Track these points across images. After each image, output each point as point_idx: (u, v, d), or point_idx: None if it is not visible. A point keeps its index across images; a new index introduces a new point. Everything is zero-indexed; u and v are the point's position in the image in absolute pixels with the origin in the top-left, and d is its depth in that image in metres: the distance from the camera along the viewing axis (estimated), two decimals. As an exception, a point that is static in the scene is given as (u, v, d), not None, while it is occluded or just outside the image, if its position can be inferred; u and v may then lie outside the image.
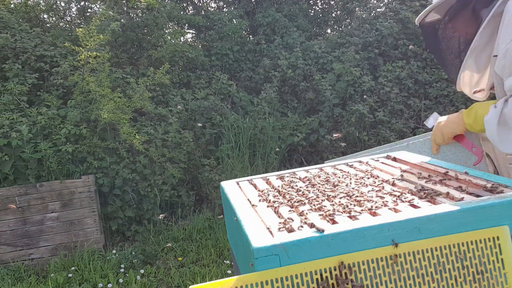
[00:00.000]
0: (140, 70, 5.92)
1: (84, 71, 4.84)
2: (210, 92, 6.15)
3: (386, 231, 0.93)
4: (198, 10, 8.14)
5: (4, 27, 5.46)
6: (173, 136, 5.19)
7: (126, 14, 6.37)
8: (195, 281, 3.79)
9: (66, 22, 7.19)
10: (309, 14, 8.46)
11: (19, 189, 4.33)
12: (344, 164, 1.64)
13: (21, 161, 4.43)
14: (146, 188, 4.83)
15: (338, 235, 0.92)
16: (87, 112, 4.80)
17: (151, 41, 6.40)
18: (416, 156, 1.58)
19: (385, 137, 6.08)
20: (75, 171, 4.59)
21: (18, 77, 4.95)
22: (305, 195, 1.27)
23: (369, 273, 0.91)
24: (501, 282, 0.94)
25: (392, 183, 1.28)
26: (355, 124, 6.06)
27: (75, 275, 3.99)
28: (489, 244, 0.95)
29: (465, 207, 0.97)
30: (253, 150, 5.89)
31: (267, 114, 6.09)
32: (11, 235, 4.32)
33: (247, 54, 7.22)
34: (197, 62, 6.55)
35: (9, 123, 4.43)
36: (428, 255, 0.93)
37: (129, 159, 4.84)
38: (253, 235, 0.96)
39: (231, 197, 1.34)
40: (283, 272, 0.88)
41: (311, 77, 6.60)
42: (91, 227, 4.52)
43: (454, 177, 1.26)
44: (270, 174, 1.60)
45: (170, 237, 4.70)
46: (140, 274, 4.00)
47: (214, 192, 5.32)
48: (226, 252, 4.34)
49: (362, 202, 1.12)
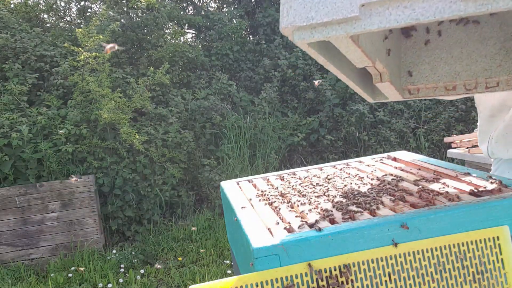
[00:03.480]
0: (140, 70, 5.92)
1: (84, 71, 4.84)
2: (210, 92, 6.15)
3: (386, 231, 0.93)
4: (198, 10, 8.14)
5: (4, 27, 5.46)
6: (173, 136, 5.19)
7: (126, 14, 6.37)
8: (195, 281, 3.79)
9: (66, 22, 7.19)
10: (309, 14, 8.44)
11: (19, 189, 4.33)
12: (344, 164, 1.64)
13: (21, 161, 4.43)
14: (146, 188, 4.83)
15: (338, 235, 0.92)
16: (87, 112, 4.80)
17: (151, 41, 6.41)
18: (416, 156, 1.58)
19: (385, 137, 6.07)
20: (75, 171, 4.60)
21: (18, 77, 4.95)
22: (305, 195, 1.27)
23: (369, 273, 0.91)
24: (501, 282, 0.94)
25: (392, 183, 1.28)
26: (355, 124, 6.06)
27: (75, 275, 4.00)
28: (489, 244, 0.95)
29: (465, 207, 0.97)
30: (253, 150, 5.89)
31: (267, 114, 6.09)
32: (11, 235, 4.32)
33: (247, 54, 7.22)
34: (197, 62, 6.55)
35: (9, 123, 4.43)
36: (428, 255, 0.93)
37: (129, 159, 4.84)
38: (253, 235, 0.96)
39: (231, 197, 1.34)
40: (283, 272, 0.88)
41: (311, 77, 6.60)
42: (91, 227, 4.52)
43: (454, 177, 1.26)
44: (270, 174, 1.60)
45: (170, 237, 4.71)
46: (140, 274, 4.00)
47: (214, 192, 5.32)
48: (226, 252, 4.34)
49: (362, 202, 1.12)
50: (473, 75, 1.22)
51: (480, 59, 1.22)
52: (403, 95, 1.36)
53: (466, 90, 1.25)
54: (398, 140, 6.20)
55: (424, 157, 1.56)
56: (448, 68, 1.27)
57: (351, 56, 1.01)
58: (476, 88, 1.23)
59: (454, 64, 1.27)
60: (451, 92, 1.27)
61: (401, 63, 1.38)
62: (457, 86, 1.26)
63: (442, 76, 1.27)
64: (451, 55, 1.27)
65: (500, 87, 1.20)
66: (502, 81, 1.19)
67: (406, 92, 1.37)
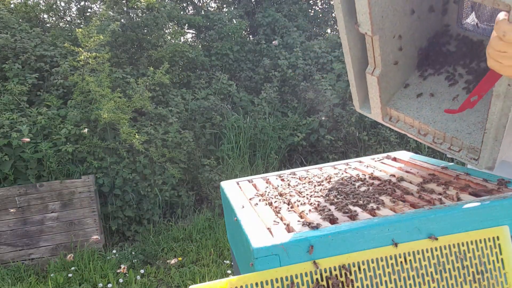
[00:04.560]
0: (140, 70, 5.92)
1: (83, 72, 4.84)
2: (210, 92, 6.15)
3: (386, 231, 0.93)
4: (198, 10, 8.14)
5: (4, 27, 5.46)
6: (173, 136, 5.19)
7: (126, 14, 6.37)
8: (195, 281, 3.79)
9: (66, 22, 7.20)
10: (309, 14, 8.46)
11: (19, 189, 4.33)
12: (344, 164, 1.64)
13: (21, 161, 4.43)
14: (146, 188, 4.83)
15: (338, 235, 0.92)
16: (87, 112, 4.80)
17: (151, 41, 6.41)
18: (416, 156, 1.58)
19: (385, 137, 6.08)
20: (75, 171, 4.60)
21: (18, 77, 4.95)
22: (305, 195, 1.27)
23: (369, 273, 0.91)
24: (501, 282, 0.94)
25: (392, 183, 1.28)
26: (355, 124, 6.06)
27: (75, 275, 4.00)
28: (489, 244, 0.95)
29: (465, 207, 0.97)
30: (253, 150, 5.89)
31: (267, 114, 6.09)
32: (11, 235, 4.32)
33: (247, 54, 7.22)
34: (197, 62, 6.55)
35: (9, 123, 4.43)
36: (428, 255, 0.93)
37: (129, 159, 4.84)
38: (253, 235, 0.96)
39: (231, 197, 1.34)
40: (283, 272, 0.88)
41: (311, 77, 6.60)
42: (91, 227, 4.52)
43: (454, 177, 1.26)
44: (270, 174, 1.60)
45: (170, 237, 4.71)
46: (140, 274, 4.00)
47: (214, 192, 5.32)
48: (226, 252, 4.34)
49: (362, 202, 1.12)
50: (445, 129, 1.30)
51: (458, 121, 1.30)
52: (383, 117, 1.43)
53: (433, 142, 1.33)
54: (398, 140, 6.20)
55: (424, 157, 1.56)
56: (430, 114, 1.36)
57: (359, 8, 1.15)
58: (441, 144, 1.31)
59: (436, 112, 1.35)
60: (420, 137, 1.35)
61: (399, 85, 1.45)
62: (428, 134, 1.34)
63: (422, 117, 1.36)
64: (438, 106, 1.36)
65: (460, 154, 1.27)
66: (465, 148, 1.26)
67: (387, 116, 1.44)
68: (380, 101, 1.37)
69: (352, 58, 1.35)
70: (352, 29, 1.27)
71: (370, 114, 1.48)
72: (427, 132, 1.34)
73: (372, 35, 1.20)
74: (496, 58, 0.91)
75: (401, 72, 1.42)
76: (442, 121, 1.32)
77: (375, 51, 1.26)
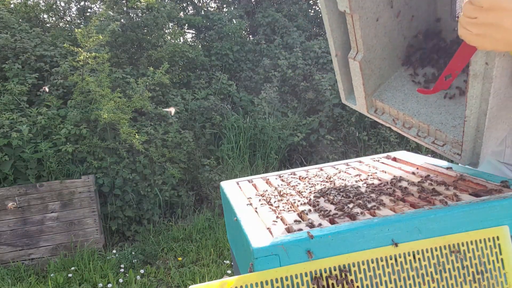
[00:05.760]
0: (140, 70, 5.92)
1: (83, 72, 4.84)
2: (210, 92, 6.15)
3: (386, 231, 0.93)
4: (198, 10, 8.14)
5: (4, 27, 5.46)
6: (173, 136, 5.19)
7: (125, 14, 6.37)
8: (195, 281, 3.79)
9: (66, 22, 7.20)
10: (309, 14, 8.46)
11: (19, 189, 4.33)
12: (344, 164, 1.64)
13: (21, 161, 4.43)
14: (146, 188, 4.83)
15: (338, 235, 0.91)
16: (87, 112, 4.80)
17: (151, 41, 6.41)
18: (416, 156, 1.58)
19: (385, 137, 6.08)
20: (75, 171, 4.60)
21: (18, 77, 4.95)
22: (305, 195, 1.27)
23: (369, 273, 0.91)
24: (501, 282, 0.94)
25: (392, 183, 1.28)
26: (355, 124, 6.06)
27: (75, 275, 4.00)
28: (489, 244, 0.95)
29: (465, 207, 0.97)
30: (253, 150, 5.89)
31: (267, 114, 6.09)
32: (11, 235, 4.32)
33: (247, 54, 7.22)
34: (197, 62, 6.55)
35: (9, 123, 4.44)
36: (428, 255, 0.93)
37: (129, 159, 4.84)
38: (253, 235, 0.96)
39: (231, 197, 1.34)
40: (283, 272, 0.88)
41: (311, 77, 6.60)
42: (91, 227, 4.52)
43: (454, 177, 1.26)
44: (270, 174, 1.60)
45: (170, 237, 4.71)
46: (140, 274, 4.00)
47: (214, 192, 5.32)
48: (226, 252, 4.34)
49: (362, 202, 1.12)
50: (430, 121, 1.24)
51: (444, 113, 1.25)
52: (368, 109, 1.37)
53: (417, 135, 1.27)
54: (398, 140, 6.20)
55: (424, 157, 1.56)
56: (416, 106, 1.30)
57: None
58: (425, 138, 1.26)
59: (421, 105, 1.30)
60: (405, 130, 1.30)
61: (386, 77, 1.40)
62: (412, 127, 1.29)
63: (406, 109, 1.30)
64: (425, 98, 1.31)
65: (444, 148, 1.22)
66: (449, 142, 1.21)
67: (372, 108, 1.38)
68: (363, 90, 1.29)
69: (334, 42, 1.27)
70: (334, 9, 1.20)
71: (355, 106, 1.41)
72: (412, 125, 1.28)
73: (351, 12, 1.12)
74: (466, 25, 0.83)
75: (388, 61, 1.35)
76: (427, 114, 1.26)
77: (356, 33, 1.18)
